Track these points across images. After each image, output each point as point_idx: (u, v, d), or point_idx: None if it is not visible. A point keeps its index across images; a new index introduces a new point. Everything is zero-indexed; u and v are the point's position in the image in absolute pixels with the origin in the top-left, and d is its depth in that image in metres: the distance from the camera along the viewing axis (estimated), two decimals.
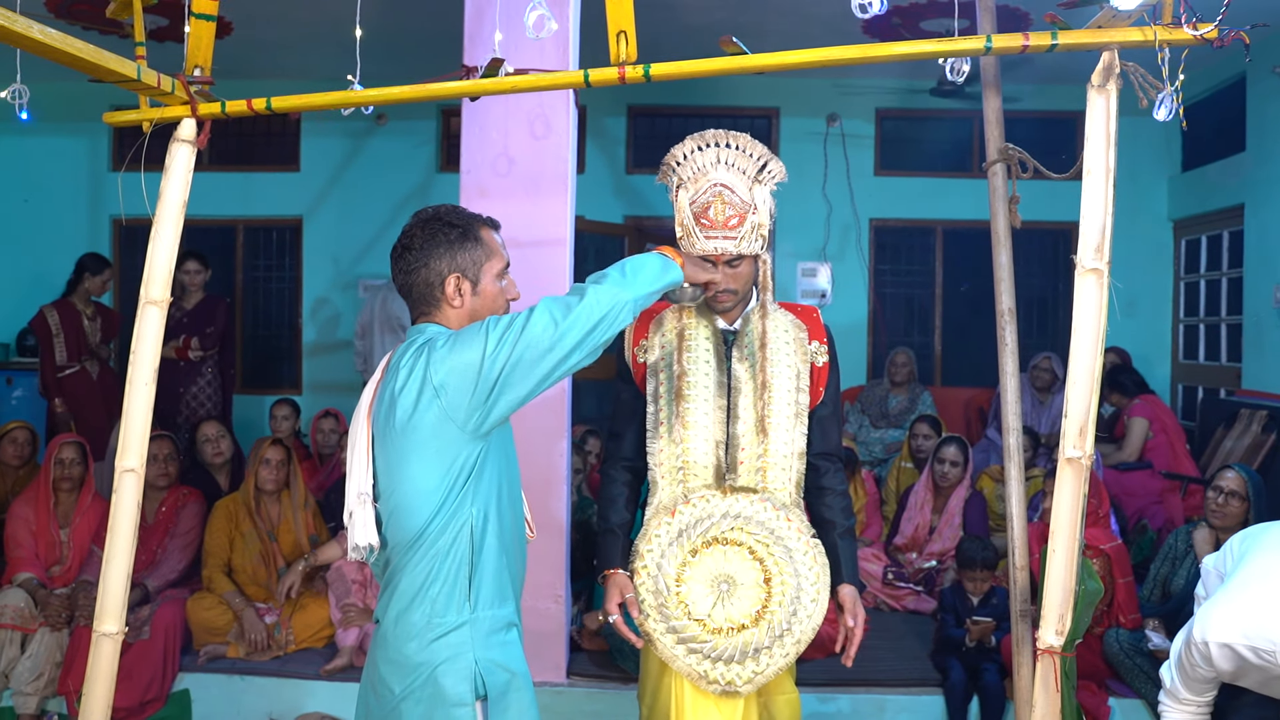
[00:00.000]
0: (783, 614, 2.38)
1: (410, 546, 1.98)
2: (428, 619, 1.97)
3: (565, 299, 1.95)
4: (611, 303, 1.96)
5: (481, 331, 1.91)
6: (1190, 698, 2.46)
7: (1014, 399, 3.02)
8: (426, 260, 2.05)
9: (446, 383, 1.90)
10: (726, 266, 2.38)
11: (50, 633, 4.07)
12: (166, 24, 5.78)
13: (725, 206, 2.32)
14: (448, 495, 1.95)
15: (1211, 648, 2.25)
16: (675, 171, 2.41)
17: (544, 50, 3.78)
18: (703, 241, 2.34)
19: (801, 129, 7.65)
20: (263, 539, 4.44)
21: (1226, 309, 6.96)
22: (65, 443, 4.45)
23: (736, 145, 2.37)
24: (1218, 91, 6.84)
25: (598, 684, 4.05)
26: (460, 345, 1.91)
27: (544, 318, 1.90)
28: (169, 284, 2.46)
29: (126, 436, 2.45)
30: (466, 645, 1.97)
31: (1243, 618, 2.25)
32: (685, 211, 2.37)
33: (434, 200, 7.53)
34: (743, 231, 2.33)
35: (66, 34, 2.00)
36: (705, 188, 2.34)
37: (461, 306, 2.07)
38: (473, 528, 1.99)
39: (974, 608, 4.23)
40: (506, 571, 2.07)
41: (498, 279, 2.11)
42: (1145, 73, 2.21)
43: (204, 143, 2.46)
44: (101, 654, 2.46)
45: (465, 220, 2.09)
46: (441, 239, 2.05)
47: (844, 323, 7.51)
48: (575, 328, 1.92)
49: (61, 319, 5.99)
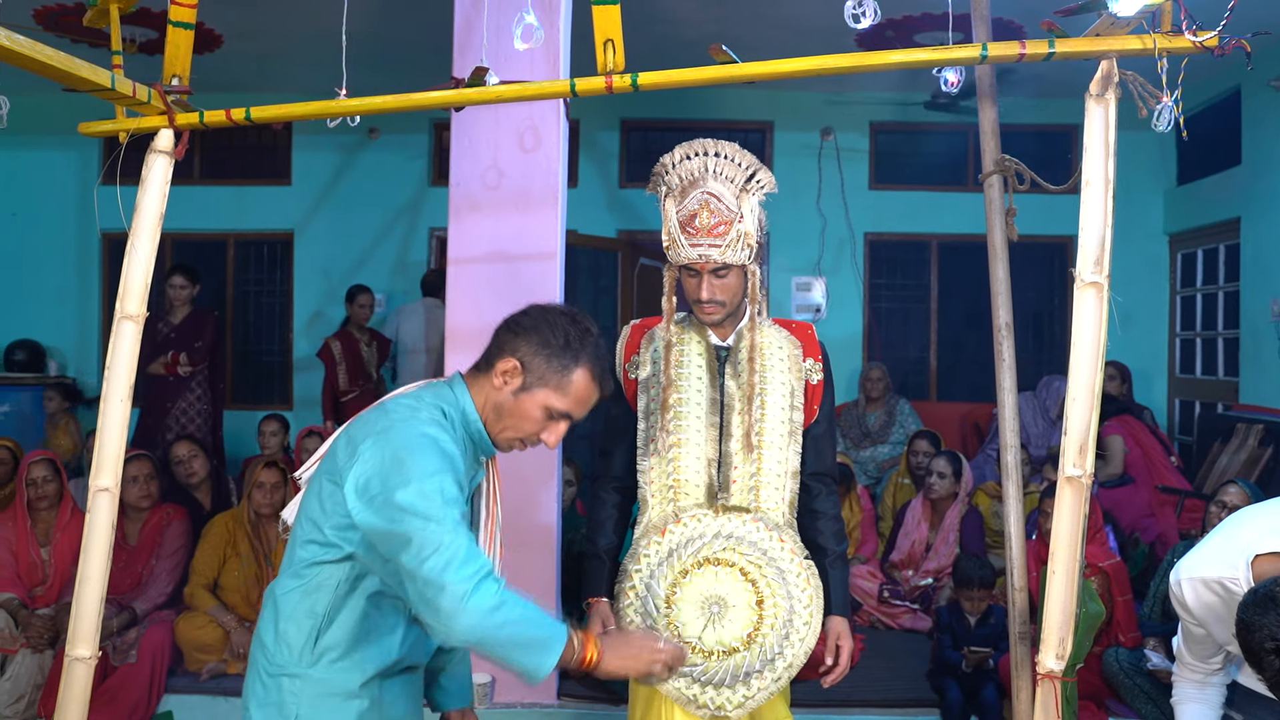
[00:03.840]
0: (775, 637, 2.31)
1: (291, 562, 1.87)
2: (275, 646, 1.86)
3: (460, 578, 1.64)
4: (463, 624, 1.64)
5: (403, 484, 1.69)
6: (1193, 663, 2.43)
7: (1012, 415, 2.96)
8: (517, 334, 1.92)
9: (360, 456, 1.76)
10: (712, 276, 2.33)
11: (31, 654, 3.99)
12: (156, 36, 5.74)
13: (711, 215, 2.28)
14: (328, 532, 1.80)
15: (1184, 586, 2.24)
16: (664, 180, 2.38)
17: (534, 62, 3.74)
18: (687, 249, 2.29)
19: (795, 143, 7.62)
20: (259, 561, 4.37)
21: (1223, 323, 6.92)
22: (35, 461, 4.36)
23: (725, 154, 2.33)
24: (1213, 105, 6.82)
25: (587, 705, 3.98)
26: (388, 460, 1.73)
27: (434, 557, 1.64)
28: (145, 298, 2.41)
29: (101, 454, 2.38)
30: (291, 698, 1.83)
31: (1209, 553, 2.25)
32: (672, 219, 2.32)
33: (425, 214, 7.63)
34: (728, 240, 2.28)
35: (37, 41, 1.94)
36: (692, 196, 2.30)
37: (498, 390, 1.92)
38: (339, 581, 1.82)
39: (971, 627, 4.17)
40: (377, 645, 1.87)
41: (545, 411, 1.92)
42: (1144, 82, 2.16)
43: (182, 154, 2.41)
44: (74, 679, 2.40)
45: (578, 343, 1.92)
46: (545, 334, 1.91)
47: (838, 337, 7.46)
48: (429, 584, 1.64)
49: (343, 348, 6.62)
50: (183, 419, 5.86)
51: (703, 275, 2.33)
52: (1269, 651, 1.86)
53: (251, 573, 4.35)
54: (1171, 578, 2.28)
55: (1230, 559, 2.10)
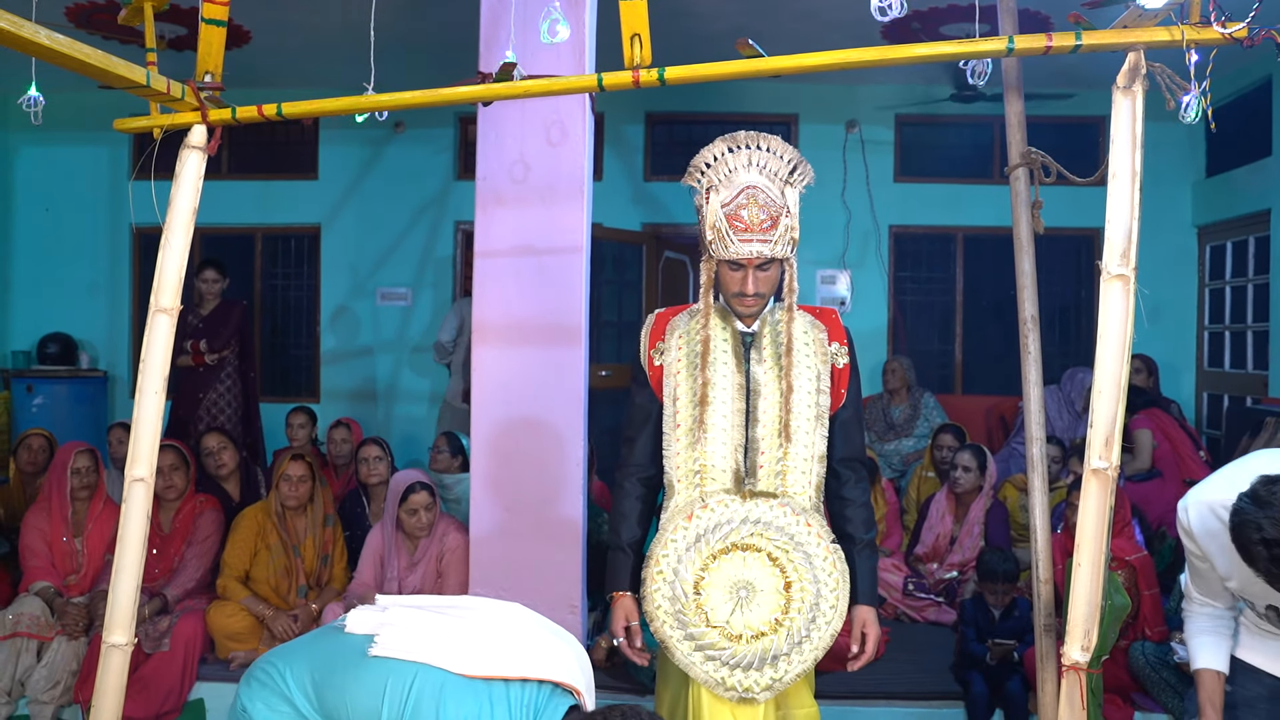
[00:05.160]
0: (802, 620, 2.34)
1: None
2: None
3: None
4: None
5: None
6: (1200, 598, 2.46)
7: (1037, 408, 2.96)
8: None
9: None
10: (757, 270, 2.34)
11: (67, 641, 4.07)
12: (185, 32, 5.80)
13: (759, 209, 2.28)
14: None
15: (1189, 511, 2.31)
16: (705, 174, 2.36)
17: (560, 56, 3.76)
18: (737, 245, 2.29)
19: (820, 135, 7.59)
20: (288, 553, 4.43)
21: (1253, 316, 6.85)
22: (80, 451, 4.45)
23: (767, 147, 2.34)
24: (1243, 95, 6.74)
25: (612, 694, 4.00)
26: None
27: None
28: (179, 292, 2.44)
29: (136, 446, 2.42)
30: None
31: (1217, 480, 2.31)
32: (717, 214, 2.31)
33: (451, 208, 7.67)
34: (776, 234, 2.29)
35: (75, 40, 1.98)
36: (737, 190, 2.30)
37: None
38: None
39: (996, 620, 4.16)
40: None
41: None
42: (1172, 73, 2.15)
43: (214, 149, 2.44)
44: (111, 665, 2.44)
45: None
46: None
47: (864, 330, 7.43)
48: None
49: None
50: (213, 410, 5.91)
51: (748, 270, 2.33)
52: (1256, 543, 1.97)
53: (281, 564, 4.41)
54: (1179, 505, 2.31)
55: (1237, 484, 2.12)
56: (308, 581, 4.46)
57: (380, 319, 7.86)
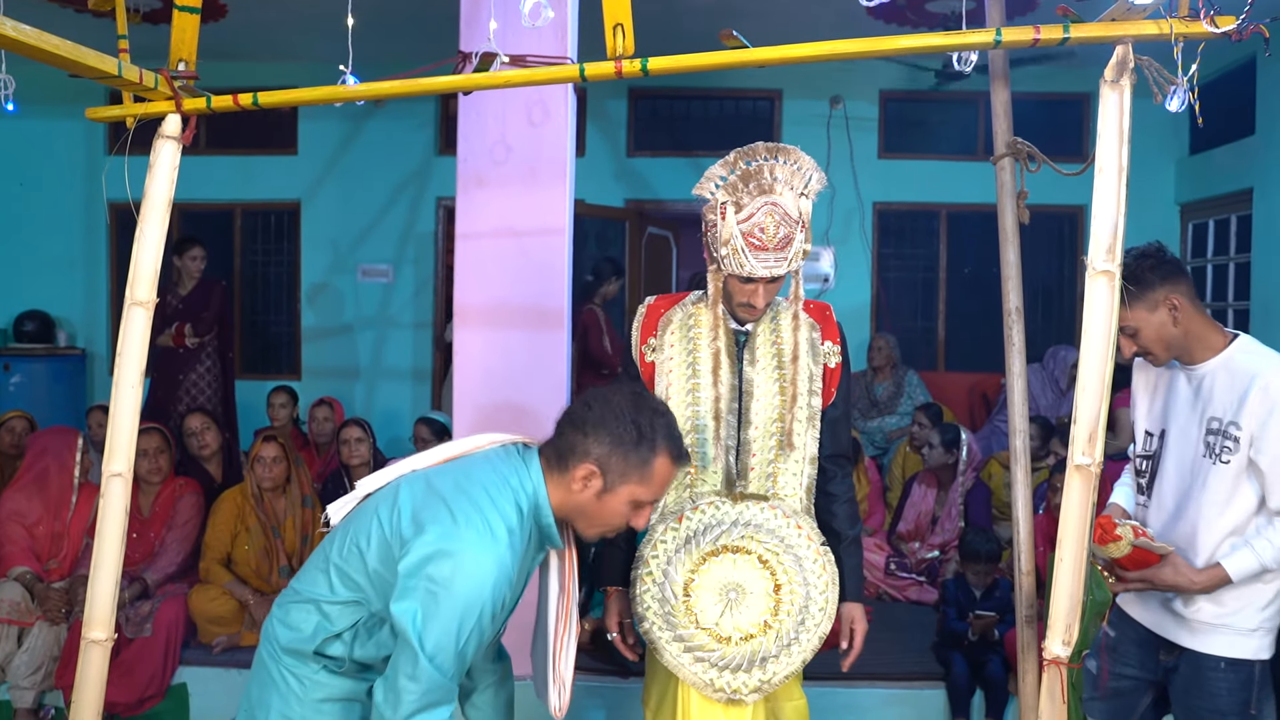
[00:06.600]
0: (791, 623, 2.34)
1: (326, 565, 1.99)
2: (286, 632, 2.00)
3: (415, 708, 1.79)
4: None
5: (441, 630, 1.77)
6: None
7: (1021, 400, 2.95)
8: (586, 434, 1.91)
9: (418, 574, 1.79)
10: (768, 283, 2.29)
11: (48, 626, 4.04)
12: (160, 4, 5.69)
13: (777, 226, 2.20)
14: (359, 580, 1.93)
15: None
16: (719, 186, 2.27)
17: (541, 37, 3.69)
18: (753, 263, 2.22)
19: (804, 111, 7.55)
20: (267, 534, 4.41)
21: (1234, 294, 6.88)
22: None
23: (784, 159, 2.24)
24: (1227, 74, 6.73)
25: (595, 676, 4.02)
26: (442, 605, 1.77)
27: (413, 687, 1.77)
28: (155, 284, 2.41)
29: (113, 440, 2.39)
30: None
31: None
32: (733, 230, 2.22)
33: (433, 184, 7.59)
34: (791, 252, 2.23)
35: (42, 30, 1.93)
36: (756, 206, 2.22)
37: (579, 494, 1.93)
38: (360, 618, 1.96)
39: (977, 600, 4.19)
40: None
41: (632, 504, 1.96)
42: (1160, 67, 2.13)
43: (189, 138, 2.40)
44: (91, 661, 2.43)
45: (650, 430, 1.92)
46: (615, 430, 1.90)
47: (847, 308, 7.42)
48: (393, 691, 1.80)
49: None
50: (193, 390, 5.87)
51: (759, 284, 2.28)
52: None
53: (260, 545, 4.39)
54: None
55: None
56: (289, 562, 4.43)
57: (361, 295, 7.80)
